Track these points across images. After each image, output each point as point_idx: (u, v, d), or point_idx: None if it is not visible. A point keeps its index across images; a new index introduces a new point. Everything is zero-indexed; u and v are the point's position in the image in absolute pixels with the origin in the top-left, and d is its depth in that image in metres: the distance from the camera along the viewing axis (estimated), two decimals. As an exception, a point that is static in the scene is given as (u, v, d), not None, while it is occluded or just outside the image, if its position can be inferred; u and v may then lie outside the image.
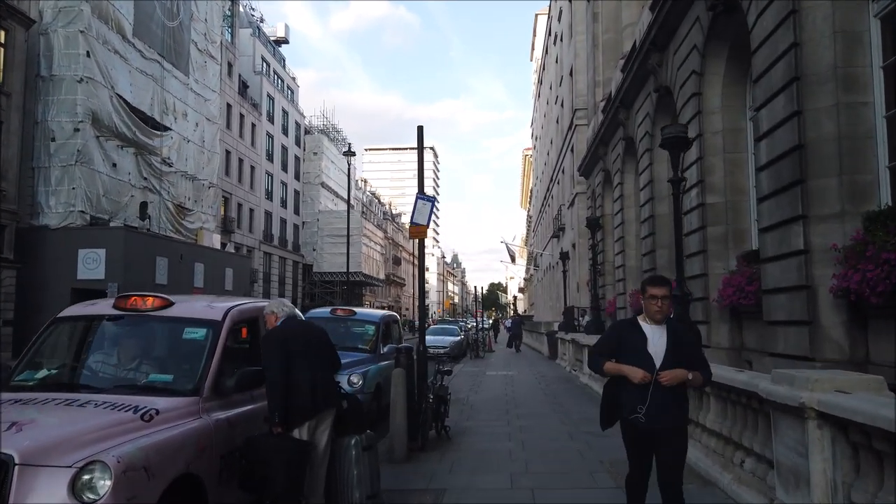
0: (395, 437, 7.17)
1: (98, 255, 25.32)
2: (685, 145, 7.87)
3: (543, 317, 43.37)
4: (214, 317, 4.82)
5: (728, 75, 10.38)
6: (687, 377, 3.95)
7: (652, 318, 4.08)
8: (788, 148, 7.31)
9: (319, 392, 4.73)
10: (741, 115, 10.38)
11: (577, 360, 17.50)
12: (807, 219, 7.04)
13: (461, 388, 14.63)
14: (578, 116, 27.05)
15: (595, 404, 12.09)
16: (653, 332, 4.05)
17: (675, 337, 4.04)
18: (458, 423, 9.69)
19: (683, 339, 4.09)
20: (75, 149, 25.74)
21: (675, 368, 3.92)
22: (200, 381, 4.44)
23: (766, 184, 7.91)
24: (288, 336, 4.74)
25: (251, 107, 46.96)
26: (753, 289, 8.65)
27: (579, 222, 26.38)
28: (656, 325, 4.07)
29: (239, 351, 5.10)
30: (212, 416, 4.35)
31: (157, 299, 4.90)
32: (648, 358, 3.96)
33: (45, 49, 25.92)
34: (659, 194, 13.89)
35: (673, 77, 12.14)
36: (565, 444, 8.08)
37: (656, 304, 4.03)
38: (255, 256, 46.68)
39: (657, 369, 3.92)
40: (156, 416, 3.95)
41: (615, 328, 4.53)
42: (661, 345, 3.99)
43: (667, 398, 3.92)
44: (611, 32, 21.03)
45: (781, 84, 7.47)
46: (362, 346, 10.66)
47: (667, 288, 4.10)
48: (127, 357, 4.73)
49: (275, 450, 4.40)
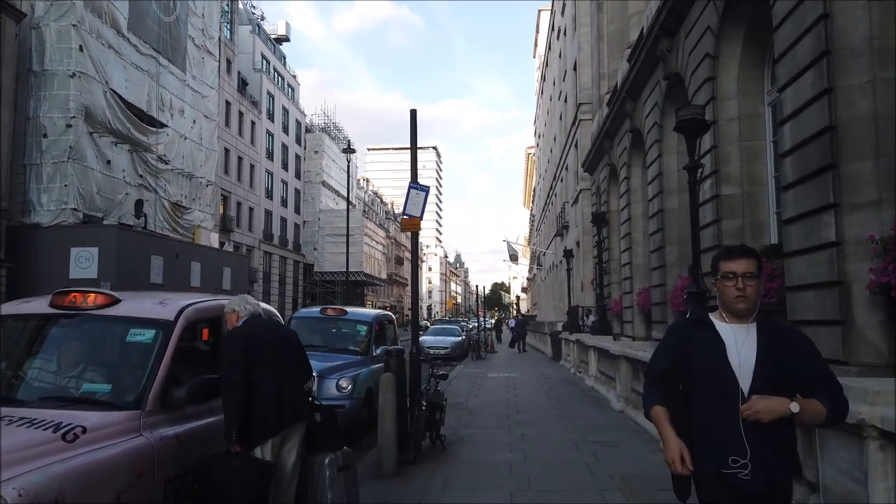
0: (383, 450, 6.50)
1: (91, 253, 24.69)
2: (702, 129, 7.18)
3: (547, 317, 42.66)
4: (165, 316, 4.16)
5: (745, 58, 9.69)
6: (789, 410, 2.43)
7: (731, 311, 2.66)
8: (817, 130, 6.62)
9: (286, 403, 4.07)
10: (759, 101, 9.69)
11: (582, 361, 16.83)
12: (839, 207, 6.35)
13: (460, 392, 13.98)
14: (582, 111, 26.37)
15: (601, 408, 11.51)
16: (734, 333, 2.63)
17: (771, 340, 2.59)
18: (456, 430, 9.03)
19: (785, 344, 2.61)
20: (67, 145, 25.16)
21: (769, 394, 2.46)
22: (144, 391, 3.78)
23: (790, 170, 7.22)
24: (250, 338, 4.08)
25: (251, 104, 46.34)
26: (775, 286, 7.95)
27: (583, 219, 25.70)
28: (739, 322, 2.66)
29: (198, 356, 4.45)
30: (156, 432, 3.69)
31: (100, 296, 4.24)
32: (729, 375, 2.54)
33: (37, 43, 25.33)
34: (668, 187, 13.20)
35: (684, 62, 11.45)
36: (571, 456, 7.40)
37: (736, 285, 2.61)
38: (255, 256, 46.07)
39: (743, 394, 2.51)
40: (81, 435, 3.29)
41: (675, 332, 2.91)
42: (748, 353, 2.58)
43: (765, 439, 2.47)
44: (616, 23, 20.37)
45: (809, 60, 6.78)
46: (353, 348, 10.00)
47: (753, 261, 2.67)
48: (61, 363, 4.06)
49: (232, 472, 3.75)
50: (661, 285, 13.32)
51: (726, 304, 2.69)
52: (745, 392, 2.50)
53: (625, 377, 10.67)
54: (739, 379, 2.53)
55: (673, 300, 12.15)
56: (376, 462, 6.61)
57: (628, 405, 10.44)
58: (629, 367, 10.56)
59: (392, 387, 6.64)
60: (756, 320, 2.66)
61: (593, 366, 14.57)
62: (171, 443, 3.76)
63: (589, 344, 15.17)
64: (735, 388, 2.52)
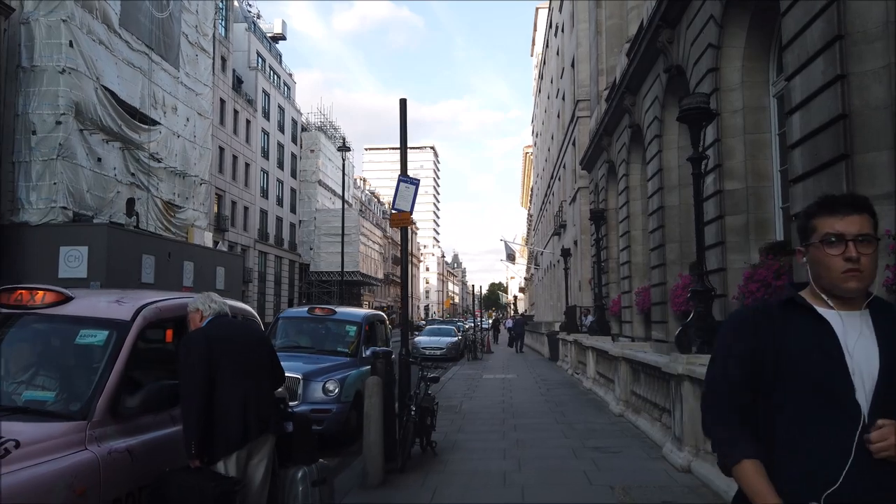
0: (368, 458, 6.11)
1: (80, 252, 24.30)
2: (707, 118, 6.81)
3: (544, 317, 42.28)
4: (120, 316, 3.76)
5: (749, 47, 9.32)
6: None
7: (836, 292, 1.83)
8: (829, 119, 6.25)
9: (252, 413, 3.67)
10: (763, 92, 9.32)
11: (580, 362, 16.45)
12: (852, 200, 5.97)
13: (455, 394, 13.59)
14: (580, 108, 26.00)
15: (599, 411, 11.11)
16: (844, 325, 1.81)
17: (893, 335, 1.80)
18: (448, 435, 8.64)
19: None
20: (57, 142, 24.73)
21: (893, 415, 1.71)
22: (91, 399, 3.39)
23: (800, 162, 6.85)
24: (214, 340, 3.68)
25: (246, 102, 45.89)
26: (782, 283, 7.59)
27: (581, 218, 25.34)
28: (847, 308, 1.83)
29: (161, 360, 4.05)
30: (104, 445, 3.30)
31: (49, 293, 3.85)
32: (846, 387, 1.75)
33: (27, 39, 24.89)
34: (669, 184, 12.84)
35: (686, 54, 11.08)
36: (569, 464, 7.01)
37: (845, 254, 1.79)
38: (250, 255, 45.64)
39: (864, 416, 1.73)
40: (14, 450, 2.90)
41: (747, 322, 1.92)
42: (866, 355, 1.77)
43: (881, 480, 1.72)
44: (615, 18, 20.03)
45: (820, 45, 6.41)
46: (342, 350, 9.60)
47: (867, 218, 1.83)
48: (3, 368, 3.66)
49: (190, 490, 3.35)
50: (662, 284, 12.95)
51: (829, 283, 1.82)
52: (865, 411, 1.73)
53: (624, 379, 10.30)
54: (860, 395, 1.73)
55: (674, 299, 11.78)
56: (361, 471, 6.22)
57: (628, 408, 10.07)
58: (629, 369, 10.19)
59: (378, 391, 6.24)
60: (869, 306, 1.84)
61: (591, 367, 14.20)
62: (121, 457, 3.36)
63: (587, 345, 14.79)
64: (854, 408, 1.73)
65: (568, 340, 19.45)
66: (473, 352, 26.32)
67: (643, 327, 15.78)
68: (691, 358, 6.54)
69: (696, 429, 6.40)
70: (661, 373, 7.68)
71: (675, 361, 6.77)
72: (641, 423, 9.00)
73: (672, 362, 6.87)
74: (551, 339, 24.97)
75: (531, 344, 34.41)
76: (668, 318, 12.61)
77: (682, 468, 6.41)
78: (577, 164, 26.05)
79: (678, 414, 6.81)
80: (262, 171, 48.85)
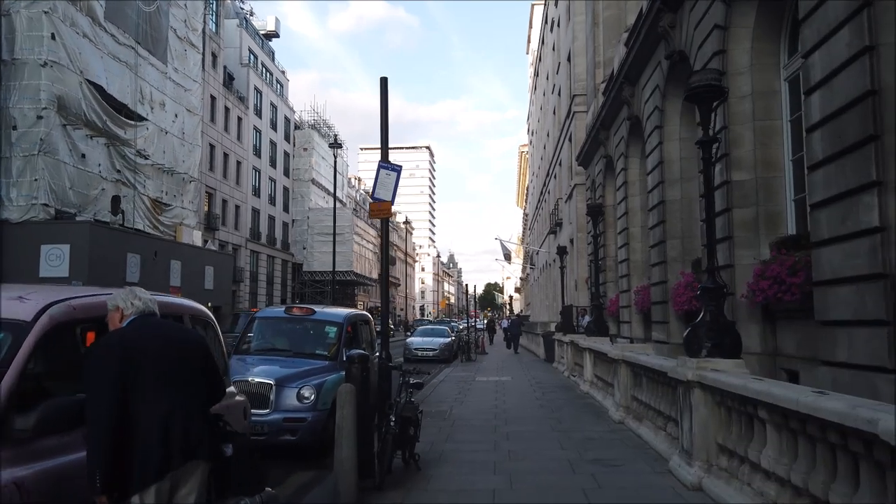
0: (340, 475, 5.43)
1: (62, 251, 23.60)
2: (718, 95, 6.15)
3: (540, 317, 41.62)
4: (20, 316, 3.10)
5: (758, 27, 8.68)
6: None
7: None
8: (856, 96, 5.60)
9: (177, 435, 2.98)
10: (774, 75, 8.68)
11: (577, 364, 15.80)
12: (882, 186, 5.33)
13: (445, 398, 12.92)
14: (577, 103, 25.36)
15: (598, 418, 10.39)
16: None
17: None
18: (435, 445, 7.97)
19: None
20: (38, 137, 23.98)
21: None
22: (-30, 420, 2.72)
23: (820, 146, 6.21)
24: (132, 345, 3.01)
25: (237, 100, 45.15)
26: (798, 280, 6.94)
27: (577, 216, 24.69)
28: None
29: (72, 371, 3.37)
30: (-17, 479, 2.63)
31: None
32: None
33: (7, 31, 24.12)
34: (670, 177, 12.20)
35: (689, 38, 10.44)
36: (566, 480, 6.34)
37: None
38: (242, 255, 44.90)
39: None
40: None
41: None
42: None
43: None
44: (612, 9, 19.40)
45: (845, 15, 5.76)
46: (321, 352, 8.91)
47: None
48: None
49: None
50: (662, 283, 12.31)
51: None
52: None
53: (624, 384, 9.64)
54: None
55: (675, 298, 11.14)
56: (333, 489, 5.55)
57: (628, 415, 9.42)
58: (629, 373, 9.54)
59: (352, 399, 5.56)
60: None
61: (589, 370, 13.55)
62: (7, 491, 2.69)
63: (584, 346, 14.14)
64: None
65: (564, 341, 18.81)
66: (467, 353, 25.67)
67: (642, 328, 15.14)
68: (702, 362, 5.88)
69: (707, 441, 5.74)
70: (667, 378, 7.03)
71: (683, 366, 6.12)
72: (644, 431, 8.35)
73: (680, 367, 6.22)
74: (547, 340, 24.34)
75: (526, 345, 33.76)
76: (670, 318, 11.97)
77: (692, 486, 5.74)
78: (573, 161, 25.42)
79: (686, 424, 6.15)
80: (254, 170, 48.11)
